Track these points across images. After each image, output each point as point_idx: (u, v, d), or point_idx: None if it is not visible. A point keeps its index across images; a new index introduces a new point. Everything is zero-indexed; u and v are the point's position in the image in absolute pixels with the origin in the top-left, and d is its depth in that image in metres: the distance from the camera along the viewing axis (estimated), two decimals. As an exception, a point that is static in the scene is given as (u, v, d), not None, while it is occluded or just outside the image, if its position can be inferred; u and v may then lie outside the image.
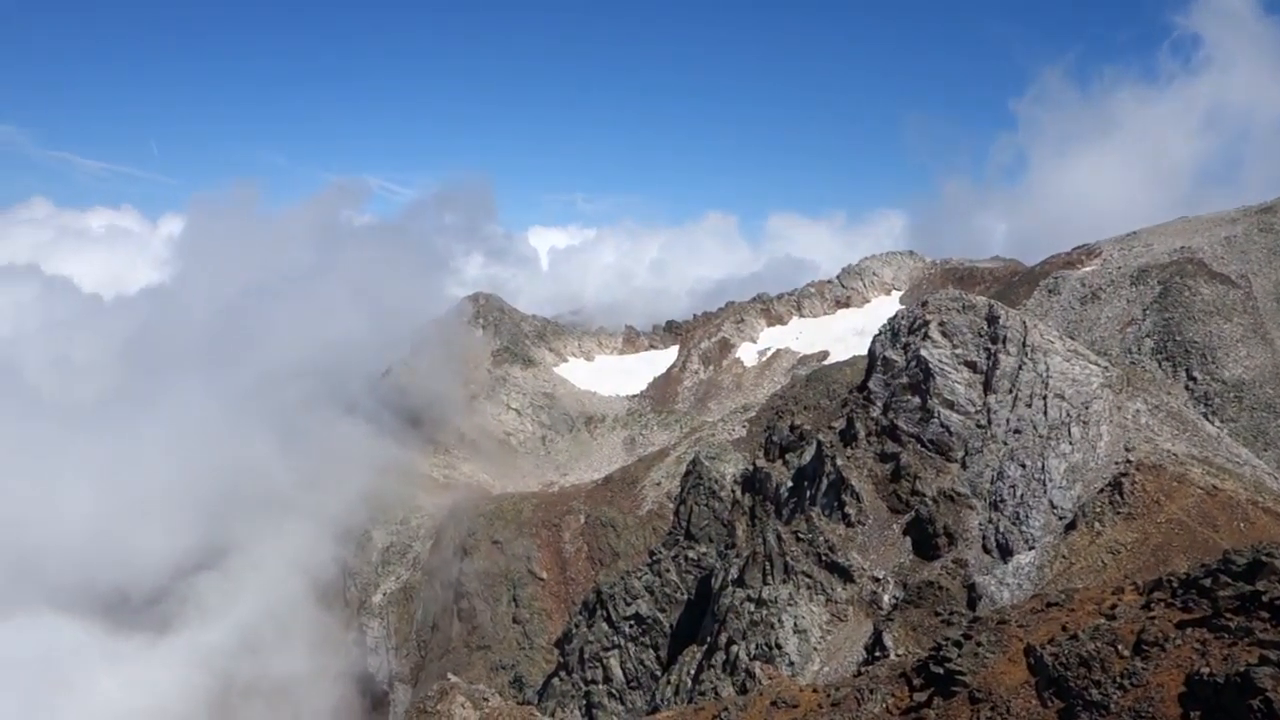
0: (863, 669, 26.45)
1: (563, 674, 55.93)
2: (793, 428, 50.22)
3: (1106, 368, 40.50)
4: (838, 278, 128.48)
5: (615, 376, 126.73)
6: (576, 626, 57.07)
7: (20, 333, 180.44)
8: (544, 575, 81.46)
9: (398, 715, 79.06)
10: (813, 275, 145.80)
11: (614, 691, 52.07)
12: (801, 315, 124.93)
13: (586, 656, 53.80)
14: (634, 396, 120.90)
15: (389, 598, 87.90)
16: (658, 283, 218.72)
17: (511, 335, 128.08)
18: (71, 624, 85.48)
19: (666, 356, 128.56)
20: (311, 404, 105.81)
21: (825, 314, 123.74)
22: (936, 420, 39.46)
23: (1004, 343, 39.60)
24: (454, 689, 32.34)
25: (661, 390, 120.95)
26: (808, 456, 45.18)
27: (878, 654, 32.75)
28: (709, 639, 41.22)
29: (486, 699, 32.26)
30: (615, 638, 52.98)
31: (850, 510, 39.85)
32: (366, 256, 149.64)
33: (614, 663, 52.69)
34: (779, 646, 36.83)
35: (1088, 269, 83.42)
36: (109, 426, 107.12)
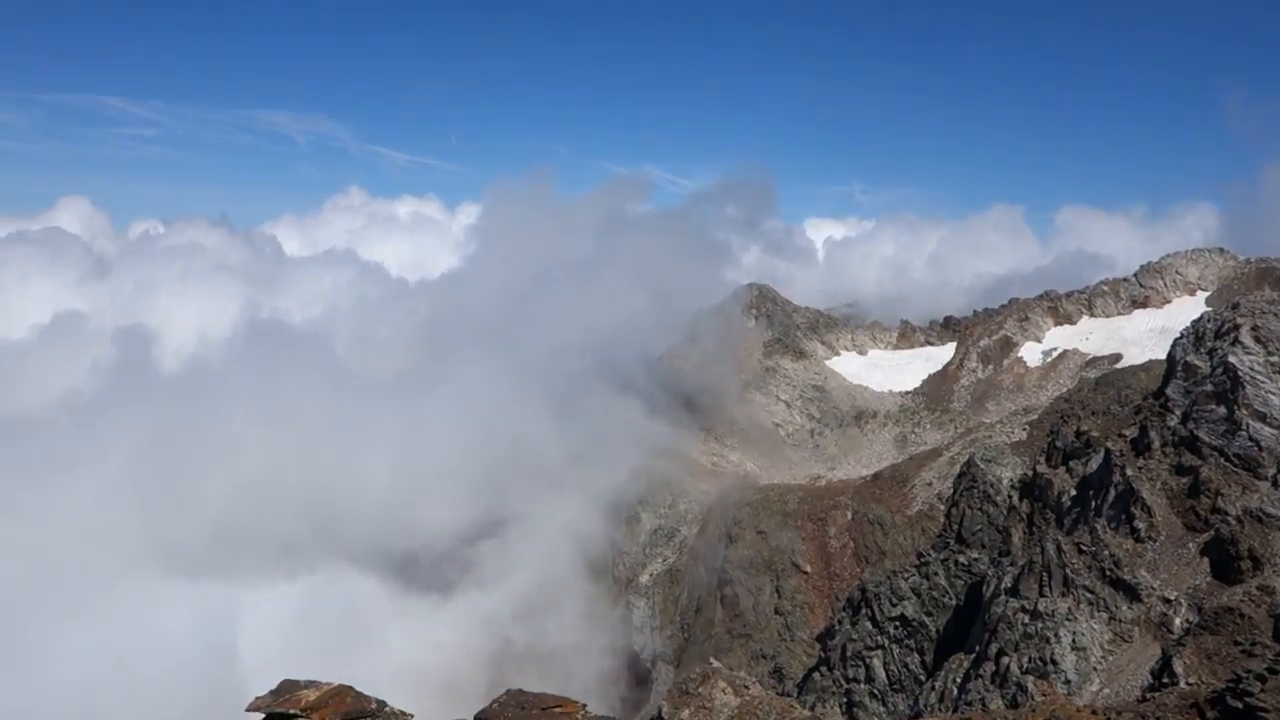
0: (1148, 695, 24.84)
1: (824, 669, 55.52)
2: (1079, 433, 47.59)
3: None
4: (1135, 275, 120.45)
5: (888, 372, 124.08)
6: (840, 623, 56.49)
7: (334, 312, 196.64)
8: (808, 568, 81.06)
9: (659, 694, 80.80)
10: (1107, 272, 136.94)
11: (875, 692, 51.24)
12: (1092, 315, 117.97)
13: (849, 654, 53.18)
14: (907, 393, 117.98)
15: (655, 578, 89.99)
16: (936, 277, 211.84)
17: (784, 326, 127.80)
18: (368, 581, 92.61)
19: (943, 353, 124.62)
20: (589, 384, 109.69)
21: (1119, 314, 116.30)
22: (1245, 433, 36.37)
23: (1329, 353, 36.06)
24: (716, 674, 32.68)
25: (936, 388, 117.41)
26: (1094, 465, 42.72)
27: (1165, 680, 30.62)
28: (978, 648, 39.80)
29: (747, 686, 32.41)
30: (879, 637, 52.08)
31: (1140, 524, 37.40)
32: (647, 243, 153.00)
33: (877, 663, 51.83)
34: (1054, 662, 35.10)
35: None
36: (405, 401, 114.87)
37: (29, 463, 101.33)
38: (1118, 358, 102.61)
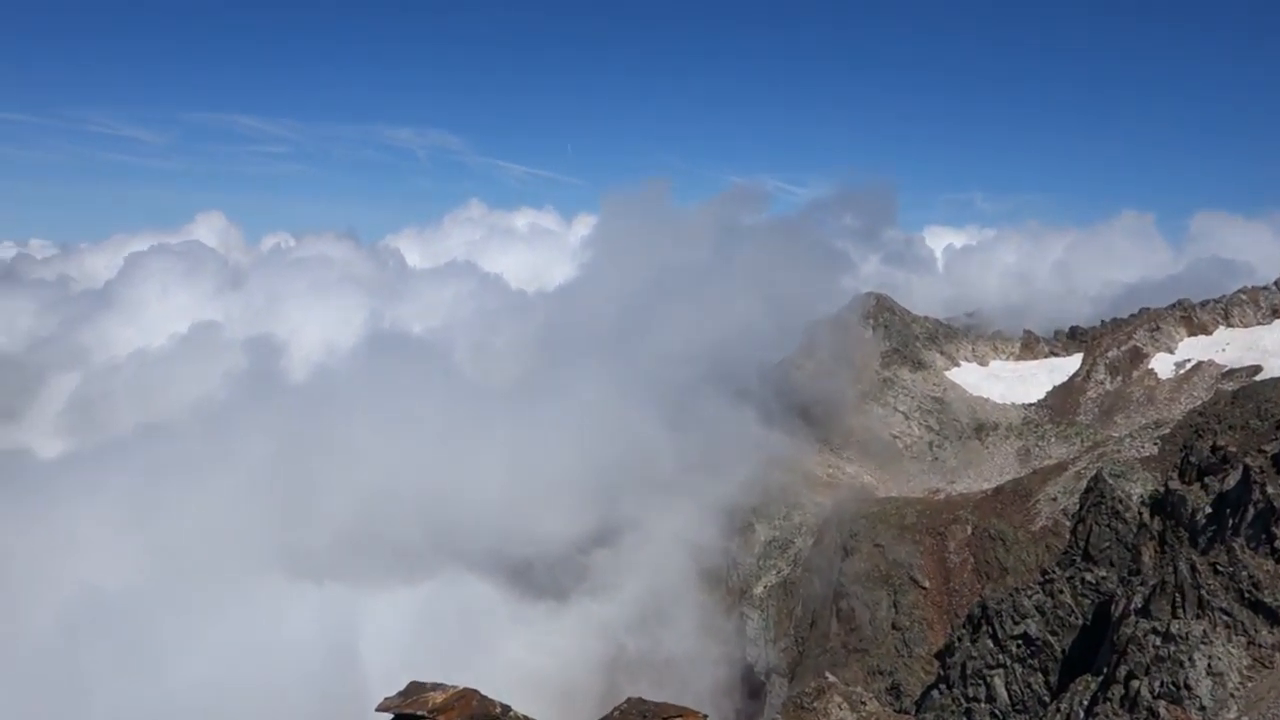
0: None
1: (943, 687, 54.27)
2: (1215, 449, 45.61)
3: None
4: (1275, 283, 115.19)
5: (1010, 383, 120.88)
6: (959, 640, 55.15)
7: (453, 323, 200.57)
8: (926, 583, 79.50)
9: (774, 707, 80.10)
10: (1245, 280, 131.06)
11: (997, 712, 49.87)
12: (1229, 324, 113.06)
13: (969, 672, 51.88)
14: (1030, 405, 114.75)
15: (769, 590, 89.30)
16: (1061, 286, 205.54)
17: (902, 336, 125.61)
18: (484, 587, 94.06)
19: (1069, 364, 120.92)
20: (704, 393, 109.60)
21: (1259, 324, 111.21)
22: (1397, 451, 34.40)
23: None
24: (831, 688, 32.30)
25: (1061, 400, 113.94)
26: (1231, 481, 40.86)
27: (1310, 710, 29.09)
28: (1105, 669, 38.39)
29: (864, 702, 31.97)
30: (1001, 656, 50.69)
31: (1281, 545, 35.65)
32: (763, 252, 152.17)
33: (998, 682, 50.45)
34: (1188, 687, 33.61)
35: None
36: (520, 410, 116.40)
37: (166, 467, 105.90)
38: (1257, 369, 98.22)
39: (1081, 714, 38.39)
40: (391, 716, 20.98)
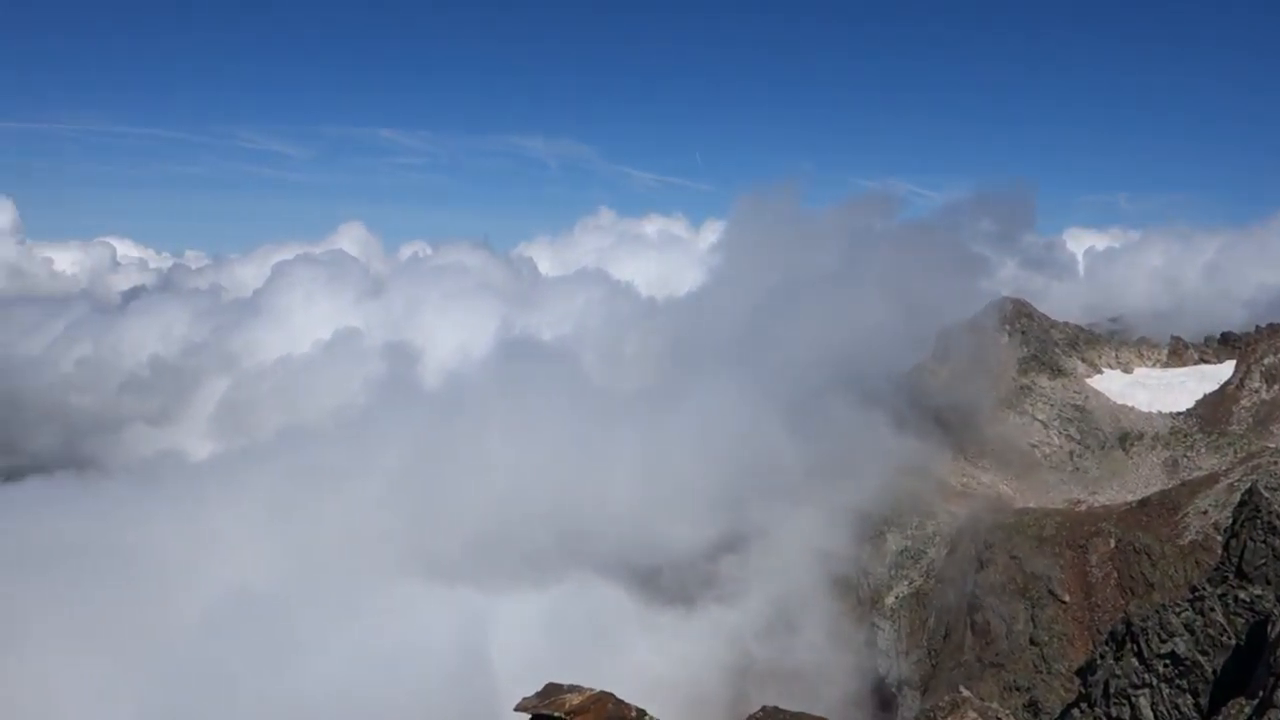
0: None
1: (1084, 705, 52.20)
2: (1382, 461, 42.91)
3: None
4: None
5: (1157, 391, 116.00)
6: (1102, 657, 52.97)
7: (583, 330, 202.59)
8: (1066, 598, 76.92)
9: (905, 720, 78.63)
10: None
11: (1142, 733, 47.70)
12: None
13: (1112, 691, 49.78)
14: (1178, 414, 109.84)
15: (901, 600, 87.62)
16: (1212, 290, 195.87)
17: (1040, 342, 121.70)
18: (613, 593, 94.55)
19: (1220, 372, 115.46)
20: (834, 400, 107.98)
21: None
22: None
23: None
24: (965, 703, 31.41)
25: (1212, 409, 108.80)
26: (1401, 496, 38.35)
27: None
28: (1261, 693, 36.33)
29: (1000, 718, 30.91)
30: (1147, 675, 48.49)
31: None
32: (896, 256, 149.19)
33: (1144, 702, 48.27)
34: (1353, 714, 31.58)
35: None
36: (649, 416, 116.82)
37: (307, 470, 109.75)
38: None
39: (1234, 739, 36.42)
40: (529, 716, 21.26)
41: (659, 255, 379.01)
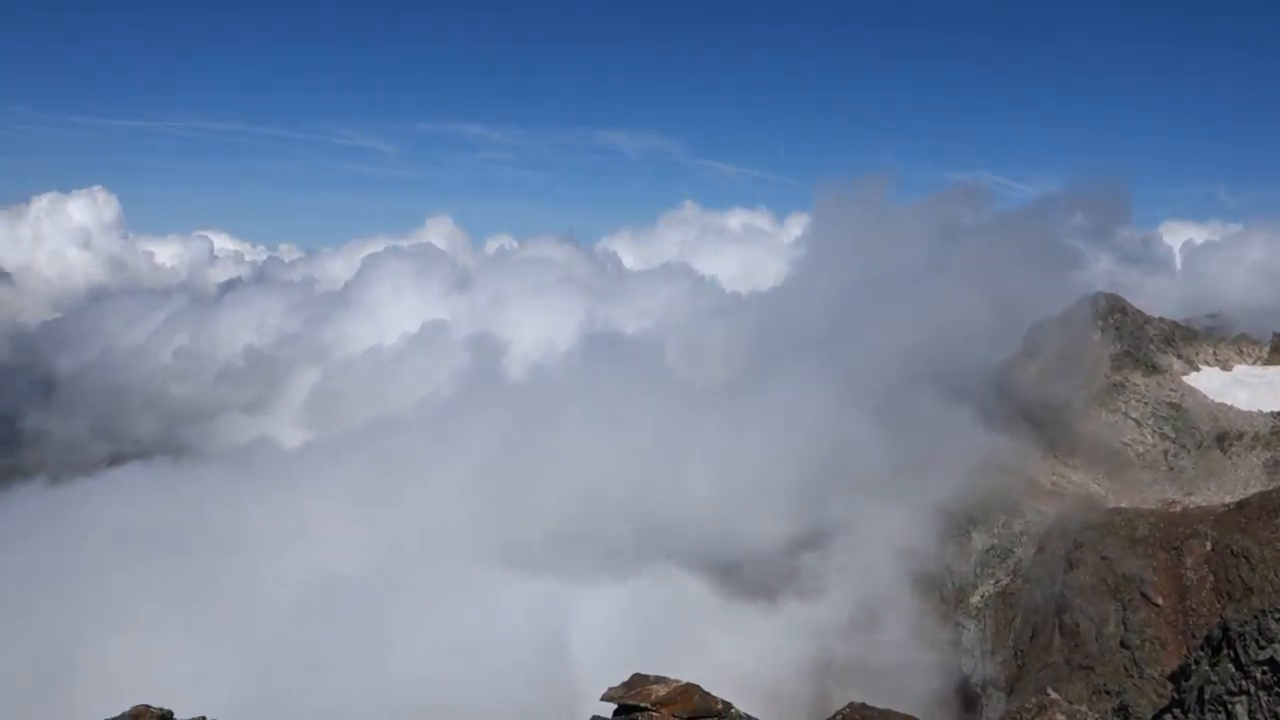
0: None
1: (1177, 711, 50.61)
2: None
3: None
4: None
5: (1258, 389, 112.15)
6: (1197, 663, 51.33)
7: (665, 324, 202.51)
8: (1159, 601, 74.86)
9: (990, 721, 77.37)
10: None
11: (1239, 741, 46.22)
12: None
13: (1207, 698, 48.20)
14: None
15: (986, 600, 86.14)
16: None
17: (1134, 339, 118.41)
18: (693, 586, 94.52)
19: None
20: (919, 395, 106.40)
21: None
22: None
23: None
24: (1054, 705, 30.72)
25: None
26: None
27: None
28: (1366, 703, 34.95)
29: (1087, 722, 30.16)
30: (1244, 682, 46.82)
31: None
32: (984, 250, 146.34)
33: (1241, 710, 46.59)
34: None
35: None
36: (730, 410, 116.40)
37: (393, 460, 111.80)
38: None
39: (1337, 750, 35.07)
40: (614, 706, 21.33)
41: (743, 249, 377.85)
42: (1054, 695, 33.24)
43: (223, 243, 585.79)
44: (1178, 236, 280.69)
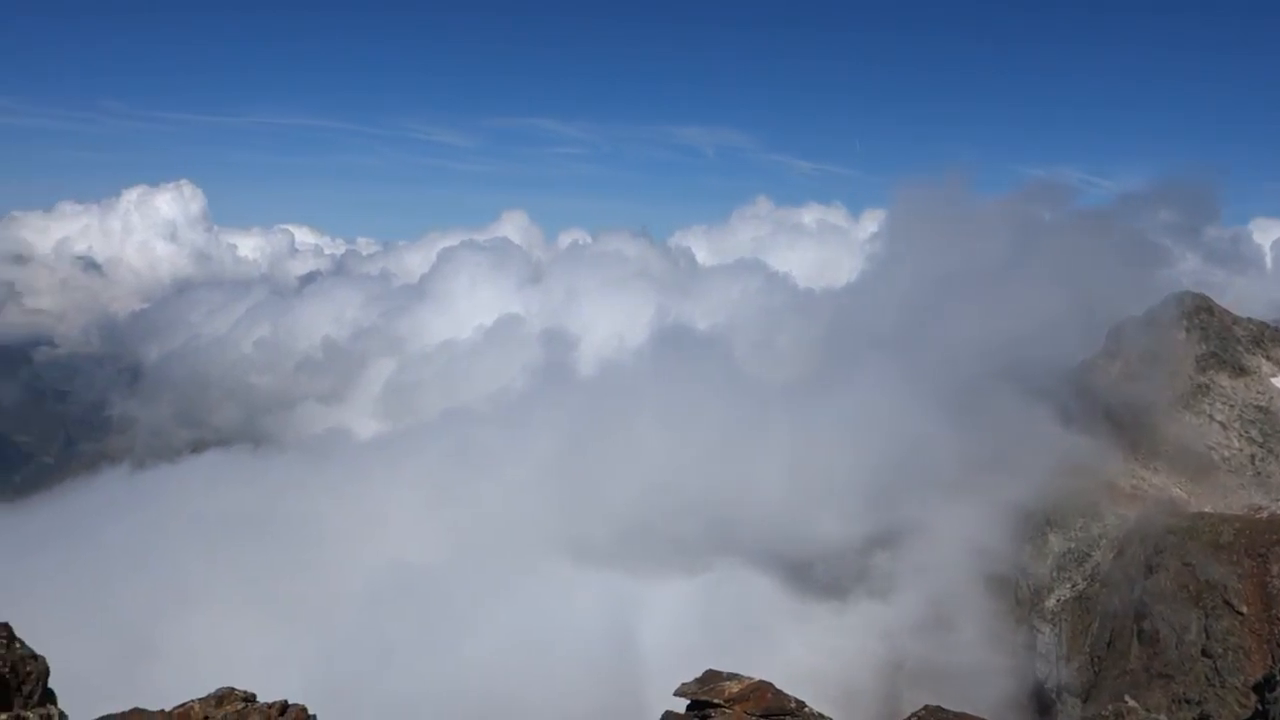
0: None
1: (1260, 723, 49.37)
2: None
3: None
4: None
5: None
6: (1281, 673, 50.02)
7: (737, 319, 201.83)
8: (1243, 609, 72.76)
9: (1065, 728, 75.96)
10: None
11: (1325, 756, 44.79)
12: None
13: (1292, 709, 46.91)
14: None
15: (1062, 604, 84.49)
16: None
17: (1221, 339, 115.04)
18: (763, 583, 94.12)
19: None
20: (995, 394, 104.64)
21: None
22: None
23: None
24: (1131, 713, 30.02)
25: None
26: None
27: None
28: None
29: (1165, 732, 29.38)
30: (1331, 694, 45.51)
31: None
32: (1067, 246, 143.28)
33: (1327, 723, 45.32)
34: None
35: None
36: (802, 407, 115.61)
37: (466, 452, 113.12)
38: None
39: None
40: (687, 702, 21.37)
41: (817, 245, 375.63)
42: (1132, 703, 32.48)
43: (303, 236, 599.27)
44: (1268, 234, 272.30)
